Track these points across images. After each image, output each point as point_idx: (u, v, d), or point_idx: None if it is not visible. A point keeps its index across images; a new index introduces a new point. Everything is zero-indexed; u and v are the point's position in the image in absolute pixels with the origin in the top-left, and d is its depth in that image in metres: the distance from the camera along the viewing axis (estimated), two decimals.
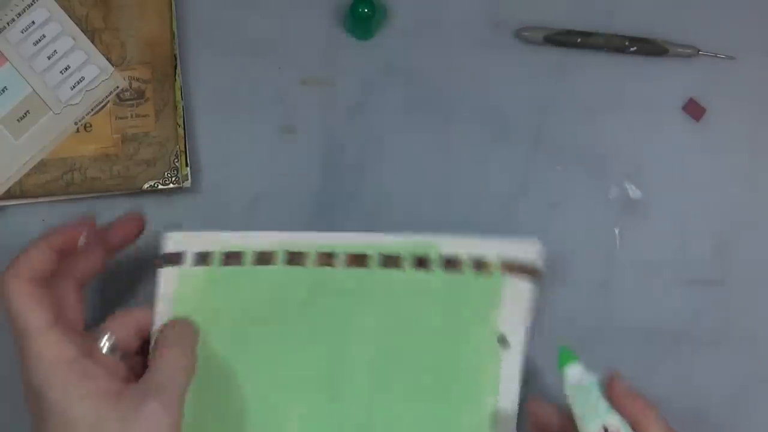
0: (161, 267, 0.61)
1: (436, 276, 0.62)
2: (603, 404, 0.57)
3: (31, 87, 0.67)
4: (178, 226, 0.67)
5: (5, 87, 0.66)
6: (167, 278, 0.61)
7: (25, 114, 0.66)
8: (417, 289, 0.62)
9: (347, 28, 0.69)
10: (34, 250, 0.56)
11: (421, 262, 0.62)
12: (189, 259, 0.62)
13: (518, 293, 0.61)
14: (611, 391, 0.56)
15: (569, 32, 0.68)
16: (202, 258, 0.62)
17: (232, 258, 0.62)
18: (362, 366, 0.63)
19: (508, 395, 0.61)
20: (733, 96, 0.68)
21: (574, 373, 0.58)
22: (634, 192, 0.68)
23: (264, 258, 0.62)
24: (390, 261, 0.62)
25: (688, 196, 0.68)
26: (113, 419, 0.53)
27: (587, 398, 0.57)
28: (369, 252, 0.62)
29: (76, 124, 0.67)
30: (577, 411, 0.57)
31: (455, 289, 0.62)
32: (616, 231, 0.67)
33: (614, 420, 0.56)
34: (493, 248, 0.62)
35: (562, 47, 0.68)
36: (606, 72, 0.68)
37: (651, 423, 0.55)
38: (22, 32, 0.67)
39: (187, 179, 0.67)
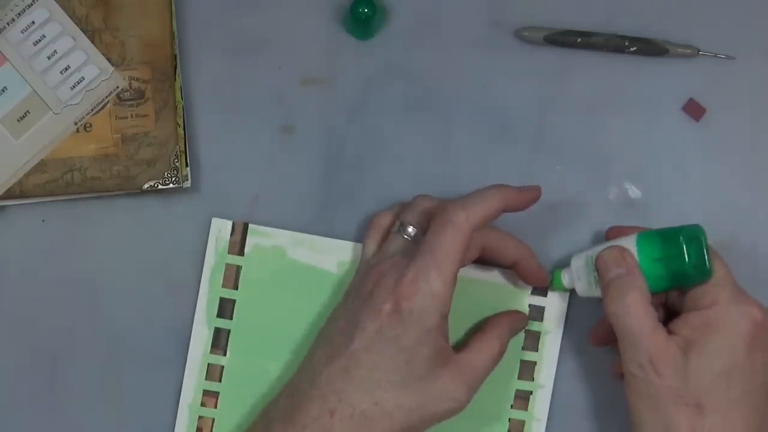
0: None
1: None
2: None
3: (31, 87, 0.66)
4: (178, 226, 0.68)
5: (5, 87, 0.66)
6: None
7: (25, 114, 0.66)
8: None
9: (347, 28, 0.69)
10: (490, 200, 0.59)
11: None
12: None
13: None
14: (610, 236, 0.63)
15: (569, 32, 0.68)
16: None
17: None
18: None
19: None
20: (733, 96, 0.68)
21: (567, 274, 0.63)
22: (634, 192, 0.68)
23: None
24: None
25: (688, 196, 0.68)
26: None
27: (587, 270, 0.62)
28: None
29: (76, 124, 0.67)
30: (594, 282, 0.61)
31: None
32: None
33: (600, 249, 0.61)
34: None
35: (562, 47, 0.68)
36: (606, 72, 0.68)
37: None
38: (22, 32, 0.67)
39: (187, 179, 0.67)
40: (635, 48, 0.67)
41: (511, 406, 0.66)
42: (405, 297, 0.56)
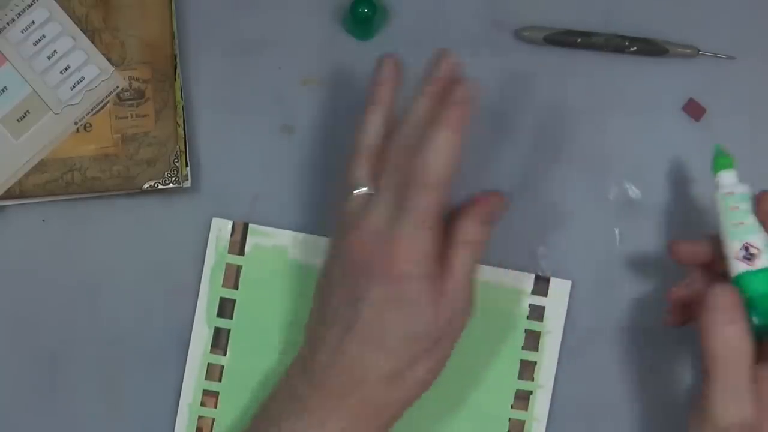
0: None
1: None
2: (750, 220, 0.57)
3: (31, 87, 0.66)
4: (178, 226, 0.68)
5: (5, 87, 0.66)
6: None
7: (25, 114, 0.66)
8: None
9: (347, 28, 0.69)
10: (446, 150, 0.57)
11: None
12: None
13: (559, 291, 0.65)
14: (761, 206, 0.57)
15: (569, 32, 0.68)
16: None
17: None
18: None
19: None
20: (733, 96, 0.68)
21: (728, 180, 0.59)
22: (634, 192, 0.68)
23: None
24: None
25: (688, 196, 0.68)
26: None
27: (736, 211, 0.57)
28: None
29: (76, 124, 0.67)
30: (724, 222, 0.57)
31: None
32: (616, 231, 0.67)
33: (758, 240, 0.56)
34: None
35: (562, 47, 0.68)
36: (606, 72, 0.68)
37: None
38: (22, 32, 0.67)
39: (187, 179, 0.67)
40: (635, 48, 0.67)
41: (511, 406, 0.66)
42: (402, 261, 0.56)
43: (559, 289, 0.66)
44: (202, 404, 0.66)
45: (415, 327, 0.57)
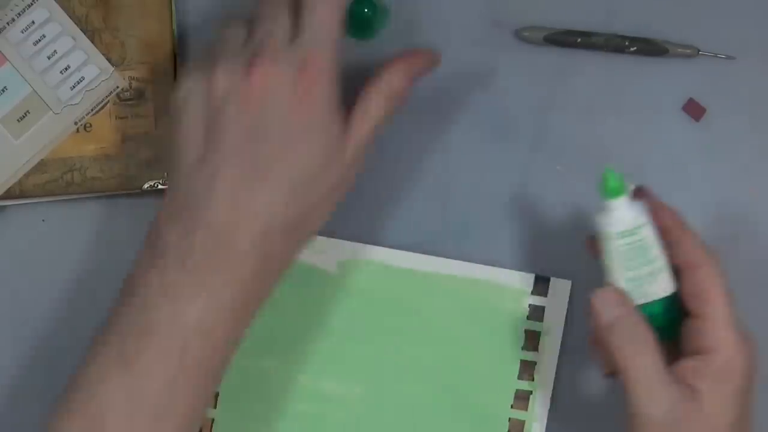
0: None
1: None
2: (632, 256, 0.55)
3: (31, 87, 0.66)
4: None
5: (5, 87, 0.66)
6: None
7: (25, 114, 0.66)
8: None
9: (347, 28, 0.69)
10: None
11: None
12: None
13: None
14: (657, 218, 0.56)
15: (569, 32, 0.68)
16: None
17: None
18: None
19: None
20: (733, 96, 0.68)
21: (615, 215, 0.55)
22: None
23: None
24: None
25: (688, 196, 0.67)
26: None
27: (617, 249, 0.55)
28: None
29: (76, 124, 0.67)
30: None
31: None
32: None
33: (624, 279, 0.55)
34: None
35: (562, 47, 0.68)
36: (606, 72, 0.68)
37: (685, 229, 0.55)
38: (22, 32, 0.67)
39: None
40: (635, 48, 0.67)
41: (511, 406, 0.66)
42: (312, 83, 0.55)
43: (559, 289, 0.66)
44: None
45: (318, 169, 0.54)
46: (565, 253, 0.67)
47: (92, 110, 0.67)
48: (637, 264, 0.55)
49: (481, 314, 0.66)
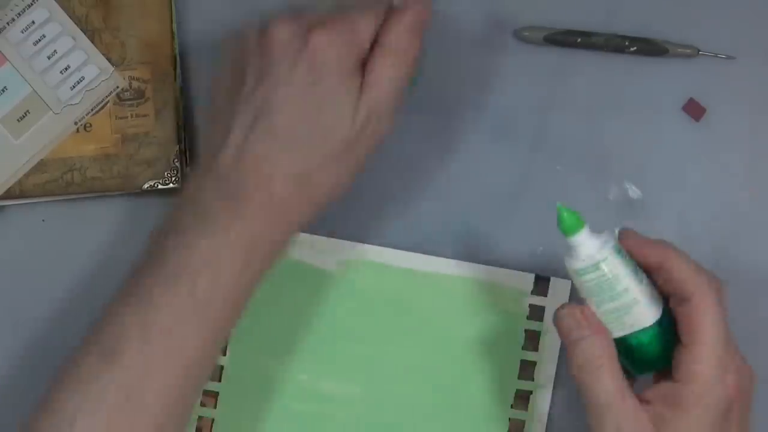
0: None
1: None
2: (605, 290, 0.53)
3: (31, 87, 0.66)
4: None
5: (5, 87, 0.66)
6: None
7: (25, 114, 0.66)
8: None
9: None
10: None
11: None
12: None
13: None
14: (625, 246, 0.54)
15: (569, 32, 0.68)
16: None
17: None
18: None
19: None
20: (733, 96, 0.68)
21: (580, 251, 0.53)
22: (634, 192, 0.68)
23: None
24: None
25: (688, 196, 0.68)
26: None
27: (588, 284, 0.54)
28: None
29: (76, 124, 0.67)
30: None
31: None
32: (616, 231, 0.67)
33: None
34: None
35: (562, 47, 0.68)
36: (606, 72, 0.68)
37: (673, 262, 0.53)
38: (22, 32, 0.67)
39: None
40: (635, 48, 0.67)
41: (511, 406, 0.66)
42: (325, 48, 0.56)
43: (559, 289, 0.66)
44: (202, 404, 0.66)
45: (328, 123, 0.55)
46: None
47: (92, 110, 0.67)
48: (605, 299, 0.53)
49: (481, 314, 0.66)
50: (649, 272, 0.55)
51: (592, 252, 0.53)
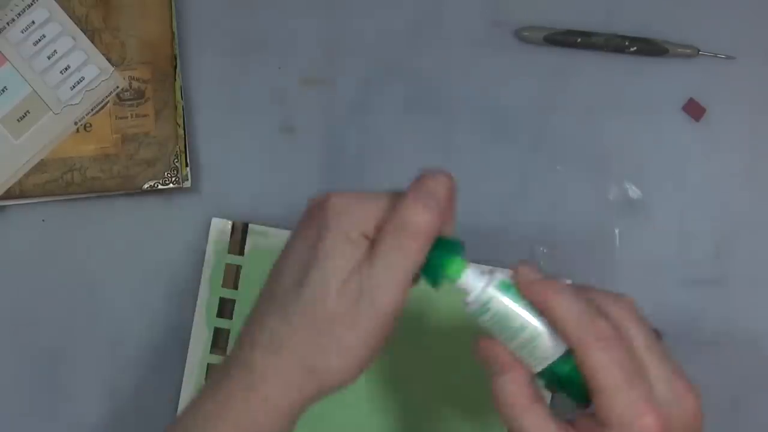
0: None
1: None
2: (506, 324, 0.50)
3: (31, 87, 0.67)
4: (177, 226, 0.68)
5: (5, 87, 0.66)
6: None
7: (25, 114, 0.66)
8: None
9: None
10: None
11: None
12: None
13: None
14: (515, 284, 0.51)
15: (569, 32, 0.68)
16: None
17: None
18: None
19: None
20: (733, 96, 0.68)
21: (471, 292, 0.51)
22: (634, 192, 0.68)
23: None
24: None
25: (688, 196, 0.68)
26: None
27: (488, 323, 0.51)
28: None
29: (76, 124, 0.67)
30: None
31: None
32: (616, 231, 0.67)
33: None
34: None
35: (562, 47, 0.68)
36: (606, 72, 0.68)
37: (554, 311, 0.49)
38: (22, 32, 0.67)
39: (187, 179, 0.67)
40: (635, 48, 0.67)
41: None
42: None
43: None
44: None
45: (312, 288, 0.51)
46: (565, 253, 0.67)
47: (92, 110, 0.67)
48: (508, 337, 0.50)
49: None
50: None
51: (478, 293, 0.51)
